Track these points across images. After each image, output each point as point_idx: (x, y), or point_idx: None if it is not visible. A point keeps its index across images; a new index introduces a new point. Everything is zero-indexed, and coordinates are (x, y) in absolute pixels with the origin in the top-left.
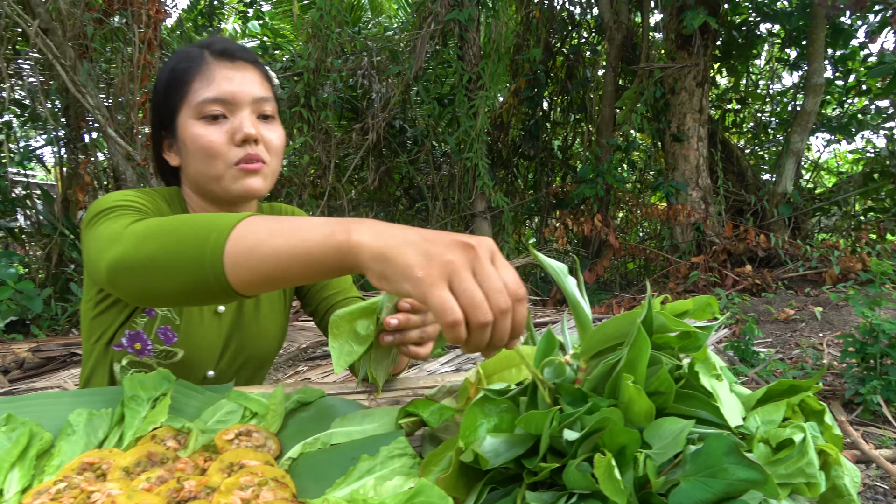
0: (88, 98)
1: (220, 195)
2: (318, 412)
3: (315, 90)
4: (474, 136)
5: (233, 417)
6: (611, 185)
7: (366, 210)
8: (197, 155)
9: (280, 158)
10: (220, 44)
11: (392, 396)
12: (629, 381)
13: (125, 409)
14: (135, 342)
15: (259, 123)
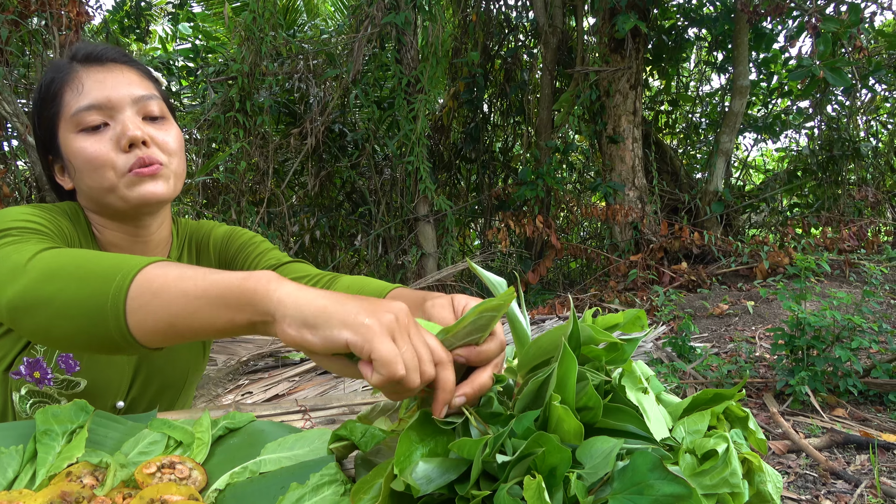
0: (5, 105)
1: (120, 207)
2: (247, 438)
3: (250, 94)
4: (415, 140)
5: (156, 448)
6: (551, 187)
7: (307, 216)
8: (84, 170)
9: (181, 158)
10: (86, 48)
11: (327, 415)
12: (557, 401)
13: (38, 444)
14: (34, 370)
15: (147, 125)
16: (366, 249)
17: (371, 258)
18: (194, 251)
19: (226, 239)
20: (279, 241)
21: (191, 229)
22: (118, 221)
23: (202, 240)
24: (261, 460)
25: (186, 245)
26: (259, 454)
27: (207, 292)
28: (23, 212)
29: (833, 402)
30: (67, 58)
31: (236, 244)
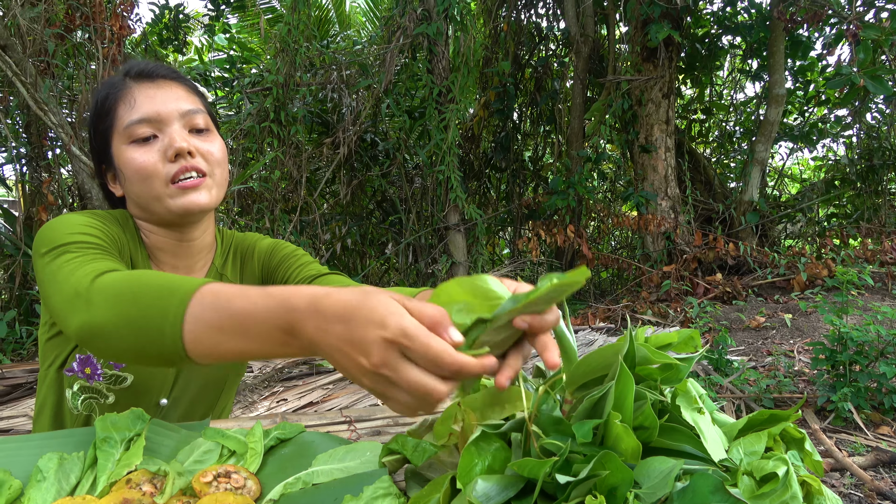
0: (51, 115)
1: (165, 216)
2: (298, 449)
3: (285, 105)
4: (446, 149)
5: (210, 457)
6: (582, 196)
7: (338, 224)
8: (133, 178)
9: (224, 169)
10: (139, 66)
11: (372, 426)
12: (617, 419)
13: (98, 451)
14: (85, 366)
15: (193, 136)
16: (396, 258)
17: (401, 266)
18: (239, 260)
19: (270, 251)
20: (311, 249)
21: (236, 240)
22: (164, 227)
23: (247, 250)
24: (313, 471)
25: (231, 253)
26: (311, 465)
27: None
28: (79, 222)
29: (878, 419)
30: (121, 74)
31: (279, 256)
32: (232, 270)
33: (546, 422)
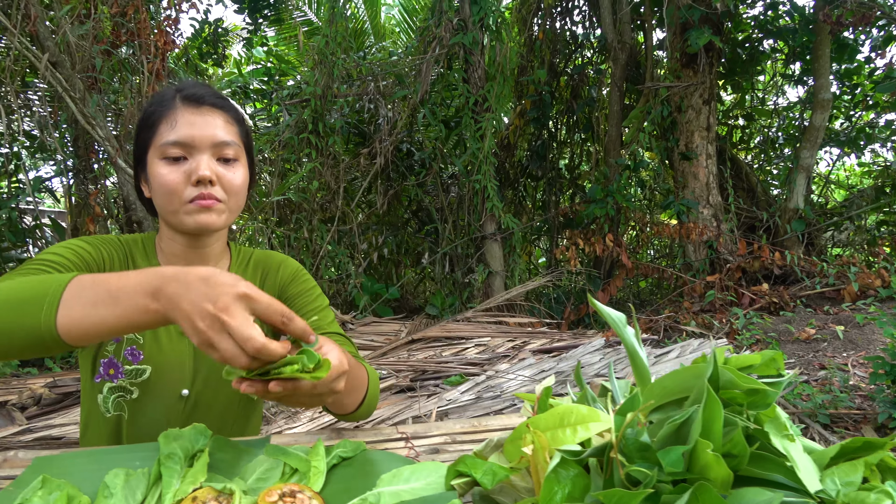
0: (98, 129)
1: (180, 228)
2: (361, 468)
3: (322, 116)
4: (482, 158)
5: (272, 474)
6: (620, 205)
7: (375, 234)
8: (158, 191)
9: (239, 197)
10: (191, 88)
11: (430, 444)
12: (708, 448)
13: (162, 467)
14: (109, 368)
15: (219, 165)
16: (432, 267)
17: (437, 276)
18: (260, 274)
19: (291, 277)
20: (348, 259)
21: (256, 255)
22: (180, 234)
23: (270, 267)
24: (379, 493)
25: (251, 266)
26: (374, 485)
27: (119, 321)
28: (60, 246)
29: None
30: (173, 91)
31: (298, 288)
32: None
33: (631, 448)
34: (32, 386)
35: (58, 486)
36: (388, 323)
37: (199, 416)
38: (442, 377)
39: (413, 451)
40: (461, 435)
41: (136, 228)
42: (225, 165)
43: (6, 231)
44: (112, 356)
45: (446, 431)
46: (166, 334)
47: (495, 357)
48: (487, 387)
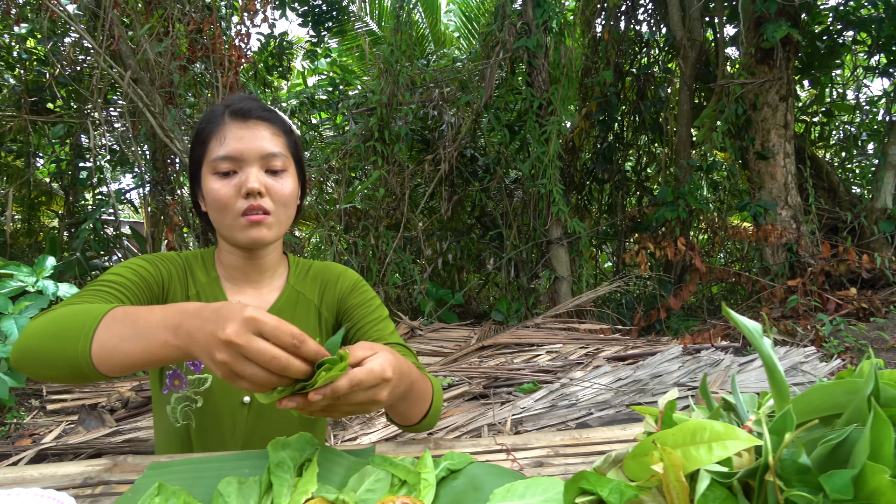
0: (176, 142)
1: (234, 242)
2: (470, 481)
3: (388, 124)
4: (547, 162)
5: (381, 486)
6: (692, 207)
7: (439, 240)
8: (212, 206)
9: (289, 208)
10: (238, 103)
11: (532, 457)
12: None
13: (272, 476)
14: (174, 379)
15: (268, 176)
16: (496, 273)
17: (501, 282)
18: (319, 285)
19: (351, 288)
20: (413, 266)
21: (316, 267)
22: (236, 247)
23: (330, 278)
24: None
25: (310, 277)
26: (487, 500)
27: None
28: (122, 266)
29: None
30: (223, 107)
31: (357, 299)
32: (311, 290)
33: (788, 470)
34: (120, 389)
35: (174, 492)
36: (456, 329)
37: (262, 423)
38: (514, 384)
39: (516, 463)
40: (563, 448)
41: (210, 237)
42: (273, 177)
43: (92, 241)
44: (176, 367)
45: (547, 443)
46: None
47: (568, 364)
48: (562, 395)
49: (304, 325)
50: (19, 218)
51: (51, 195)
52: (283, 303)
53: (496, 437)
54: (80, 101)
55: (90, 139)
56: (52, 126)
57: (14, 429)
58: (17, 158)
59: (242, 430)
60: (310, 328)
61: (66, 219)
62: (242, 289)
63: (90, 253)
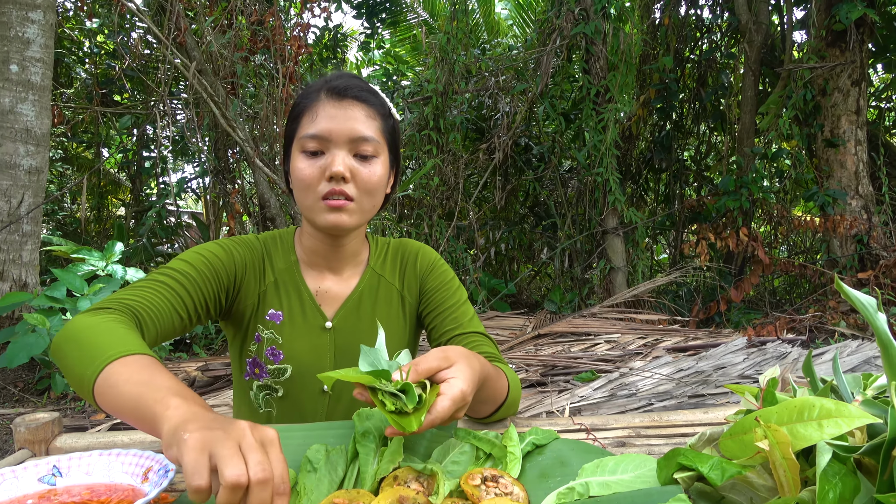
0: (238, 132)
1: (314, 224)
2: (556, 456)
3: (443, 113)
4: (604, 151)
5: (465, 458)
6: (756, 197)
7: (492, 229)
8: (296, 185)
9: (374, 197)
10: (337, 80)
11: (613, 437)
12: None
13: (358, 445)
14: (255, 367)
15: (356, 161)
16: (549, 263)
17: (554, 272)
18: (399, 264)
19: (430, 268)
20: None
21: (394, 245)
22: (317, 230)
23: (409, 257)
24: (586, 482)
25: (389, 257)
26: (576, 475)
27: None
28: (192, 252)
29: None
30: (321, 83)
31: (437, 280)
32: (391, 272)
33: None
34: (187, 369)
35: None
36: (511, 317)
37: (340, 410)
38: (572, 373)
39: (598, 443)
40: (644, 429)
41: (269, 225)
42: (362, 162)
43: (157, 228)
44: (255, 356)
45: (626, 424)
46: (304, 333)
47: (627, 354)
48: (621, 384)
49: (386, 309)
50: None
51: (118, 185)
52: (365, 287)
53: (573, 417)
54: (146, 93)
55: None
56: (120, 117)
57: (88, 404)
58: (87, 149)
59: (322, 418)
60: (392, 313)
61: (132, 207)
62: (322, 274)
63: (155, 240)
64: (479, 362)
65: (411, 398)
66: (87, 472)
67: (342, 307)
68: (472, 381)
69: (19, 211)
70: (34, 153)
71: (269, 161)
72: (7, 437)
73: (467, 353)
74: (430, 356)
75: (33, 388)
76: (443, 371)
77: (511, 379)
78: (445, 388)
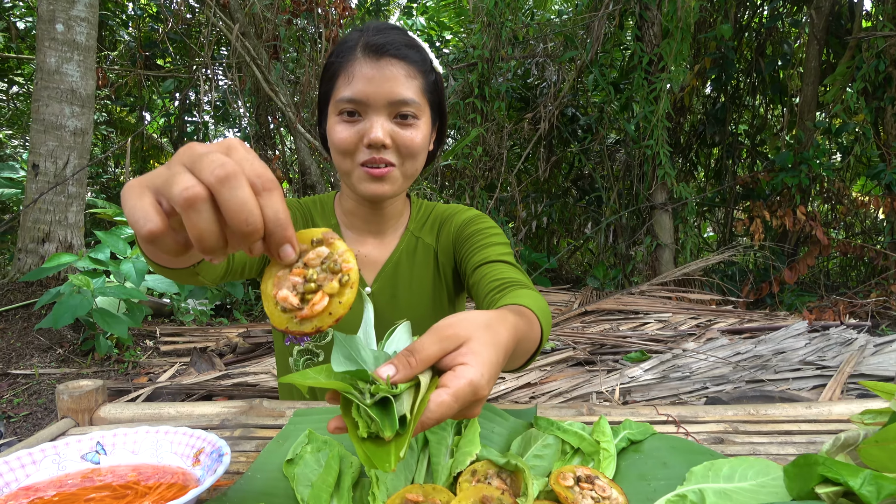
0: (281, 97)
1: (354, 190)
2: (654, 455)
3: (488, 80)
4: (655, 122)
5: (549, 452)
6: (817, 174)
7: (534, 202)
8: (334, 149)
9: (416, 161)
10: (374, 36)
11: (708, 432)
12: None
13: (428, 433)
14: None
15: (396, 124)
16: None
17: (596, 248)
18: (437, 227)
19: (465, 223)
20: (507, 229)
21: (438, 209)
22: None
23: (447, 219)
24: (701, 489)
25: (430, 220)
26: (682, 478)
27: None
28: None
29: None
30: (358, 34)
31: (473, 227)
32: (429, 235)
33: None
34: (228, 335)
35: (325, 442)
36: (555, 292)
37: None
38: (621, 352)
39: (692, 438)
40: (742, 424)
41: (309, 193)
42: (403, 125)
43: None
44: None
45: (720, 417)
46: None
47: (679, 335)
48: (674, 366)
49: (422, 272)
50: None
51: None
52: (403, 251)
53: (657, 407)
54: (189, 56)
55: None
56: (163, 81)
57: (132, 367)
58: (130, 113)
59: None
60: (427, 275)
61: None
62: (363, 238)
63: None
64: (506, 328)
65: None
66: (133, 450)
67: (380, 272)
68: (491, 364)
69: (65, 172)
70: (79, 114)
71: (310, 127)
72: (52, 396)
73: (489, 319)
74: (431, 335)
75: (78, 349)
76: (450, 355)
77: (542, 317)
78: (449, 379)
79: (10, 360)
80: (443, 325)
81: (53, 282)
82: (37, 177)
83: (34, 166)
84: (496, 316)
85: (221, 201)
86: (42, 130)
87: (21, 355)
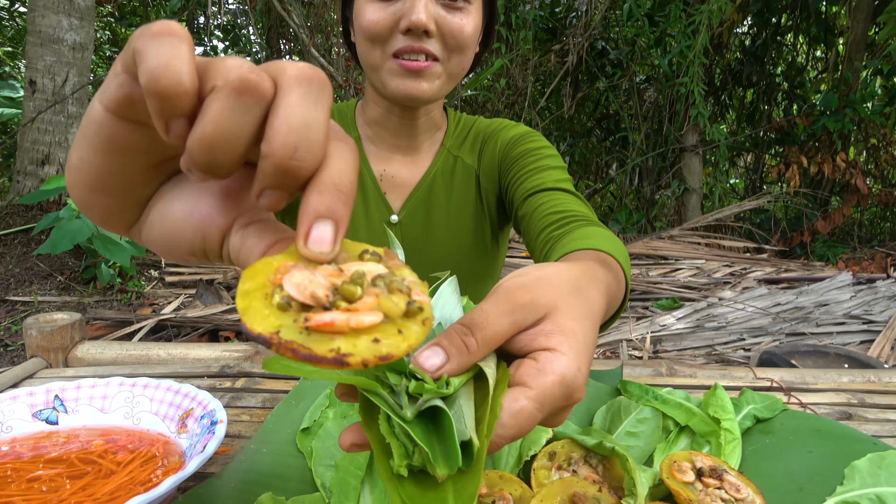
0: (294, 17)
1: (382, 92)
2: (788, 439)
3: (515, 6)
4: (692, 58)
5: (647, 429)
6: (863, 119)
7: (557, 140)
8: (359, 36)
9: (465, 56)
10: None
11: (828, 403)
12: None
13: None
14: None
15: (443, 8)
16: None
17: (618, 191)
18: (479, 143)
19: (514, 140)
20: None
21: (480, 124)
22: (384, 98)
23: (491, 135)
24: (877, 494)
25: (470, 136)
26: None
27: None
28: None
29: None
30: None
31: (524, 147)
32: (470, 154)
33: None
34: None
35: (349, 407)
36: None
37: None
38: (651, 299)
39: (809, 410)
40: (866, 395)
41: None
42: (450, 10)
43: None
44: None
45: (835, 385)
46: (363, 231)
47: (713, 283)
48: (709, 315)
49: (462, 198)
50: None
51: None
52: (438, 171)
53: (755, 370)
54: None
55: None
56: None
57: (135, 297)
58: None
59: None
60: (468, 202)
61: None
62: (390, 155)
63: None
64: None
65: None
66: (102, 407)
67: (410, 197)
68: (587, 348)
69: (64, 90)
70: (78, 27)
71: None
72: None
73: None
74: (498, 303)
75: (80, 277)
76: (526, 333)
77: (626, 266)
78: (530, 374)
79: (8, 286)
80: (512, 286)
81: (54, 206)
82: (34, 94)
83: (31, 82)
84: (584, 272)
85: (286, 105)
86: (38, 44)
87: (20, 281)
